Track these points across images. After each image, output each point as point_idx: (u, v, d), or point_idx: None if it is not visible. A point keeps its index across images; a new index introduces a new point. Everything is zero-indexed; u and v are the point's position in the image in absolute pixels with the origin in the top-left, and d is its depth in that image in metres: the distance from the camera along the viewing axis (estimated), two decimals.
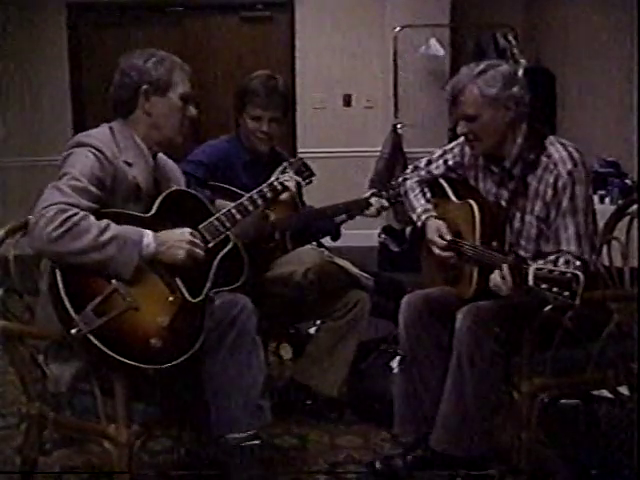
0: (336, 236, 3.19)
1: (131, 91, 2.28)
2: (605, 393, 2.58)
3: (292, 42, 6.64)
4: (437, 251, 2.59)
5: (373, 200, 3.04)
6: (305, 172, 2.77)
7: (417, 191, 2.79)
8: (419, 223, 2.72)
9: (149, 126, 2.30)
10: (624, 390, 2.50)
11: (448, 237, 2.56)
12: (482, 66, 2.44)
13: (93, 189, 2.09)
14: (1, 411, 3.15)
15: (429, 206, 2.73)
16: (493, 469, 2.49)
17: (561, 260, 2.20)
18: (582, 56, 5.65)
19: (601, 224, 2.56)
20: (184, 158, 2.84)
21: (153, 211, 2.23)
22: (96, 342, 1.95)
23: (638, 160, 4.38)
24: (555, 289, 1.96)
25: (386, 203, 3.03)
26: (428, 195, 2.78)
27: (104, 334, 1.97)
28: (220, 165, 2.90)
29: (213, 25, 6.72)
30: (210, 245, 2.26)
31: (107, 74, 2.42)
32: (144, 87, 2.27)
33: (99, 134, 2.23)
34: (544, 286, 1.98)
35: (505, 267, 2.18)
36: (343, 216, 3.12)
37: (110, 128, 2.28)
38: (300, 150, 6.41)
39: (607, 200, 4.38)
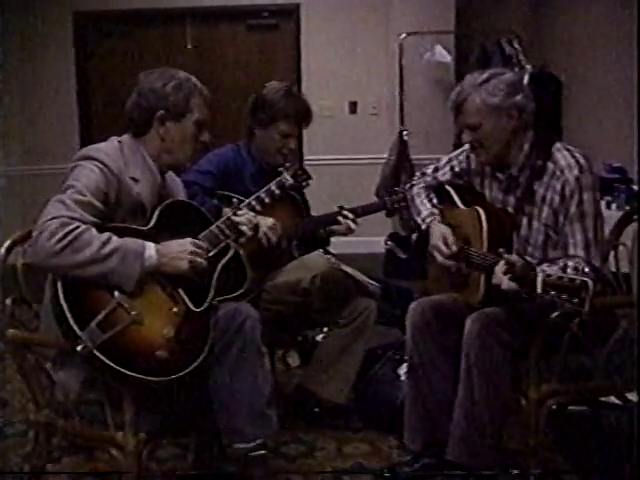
0: (325, 243, 3.16)
1: (147, 114, 2.28)
2: (613, 399, 2.57)
3: (298, 50, 6.65)
4: (440, 259, 2.58)
5: (340, 218, 3.01)
6: (302, 176, 2.77)
7: (423, 196, 2.80)
8: (424, 226, 2.71)
9: (161, 149, 2.30)
10: (632, 396, 2.49)
11: (454, 247, 2.56)
12: (485, 75, 2.45)
13: (97, 203, 2.09)
14: (10, 419, 3.15)
15: (435, 210, 2.73)
16: (501, 475, 2.48)
17: (570, 265, 2.19)
18: (588, 61, 5.65)
19: (608, 230, 2.55)
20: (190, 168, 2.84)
21: (152, 223, 2.22)
22: (102, 357, 1.95)
23: (638, 167, 4.38)
24: (564, 296, 1.96)
25: (353, 226, 3.01)
26: (434, 200, 2.78)
27: (109, 348, 1.96)
28: (227, 174, 2.90)
29: (219, 33, 6.74)
30: (211, 254, 2.25)
31: (114, 83, 2.43)
32: (160, 112, 2.27)
33: (107, 148, 2.23)
34: (553, 293, 1.97)
35: (500, 266, 2.18)
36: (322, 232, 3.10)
37: (119, 142, 2.28)
38: (307, 157, 6.42)
39: (614, 206, 4.37)
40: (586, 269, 2.10)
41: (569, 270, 2.08)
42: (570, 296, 1.95)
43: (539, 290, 1.99)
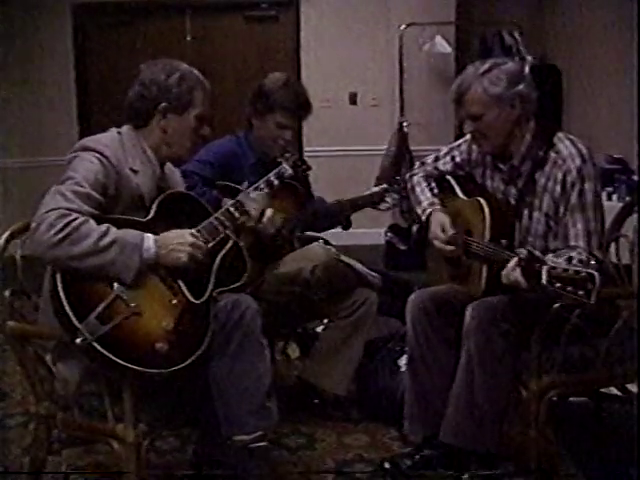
0: (347, 225, 3.19)
1: (149, 105, 2.26)
2: (614, 390, 2.57)
3: (297, 41, 6.64)
4: (438, 245, 2.58)
5: (388, 195, 3.06)
6: (300, 166, 2.76)
7: (423, 185, 2.79)
8: (424, 217, 2.70)
9: (161, 141, 2.29)
10: (633, 387, 2.49)
11: (450, 231, 2.56)
12: (487, 65, 2.43)
13: (95, 195, 2.08)
14: (10, 411, 3.15)
15: (435, 200, 2.72)
16: (501, 467, 2.48)
17: (575, 257, 2.18)
18: (588, 52, 5.64)
19: (609, 221, 2.55)
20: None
21: (151, 215, 2.20)
22: (101, 349, 1.94)
23: (638, 160, 4.37)
24: (570, 288, 1.94)
25: (396, 196, 3.05)
26: (435, 190, 2.77)
27: (109, 340, 1.95)
28: (227, 165, 2.89)
29: (219, 25, 6.72)
30: (210, 245, 2.23)
31: (113, 75, 2.42)
32: (163, 105, 2.26)
33: (106, 139, 2.22)
34: (558, 285, 1.96)
35: (514, 261, 2.16)
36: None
37: (119, 133, 2.27)
38: (306, 149, 6.41)
39: (614, 197, 4.37)
40: (592, 261, 2.09)
41: (574, 262, 2.07)
42: (575, 288, 1.93)
43: (544, 281, 1.98)
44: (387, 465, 2.57)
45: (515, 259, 2.16)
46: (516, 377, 2.39)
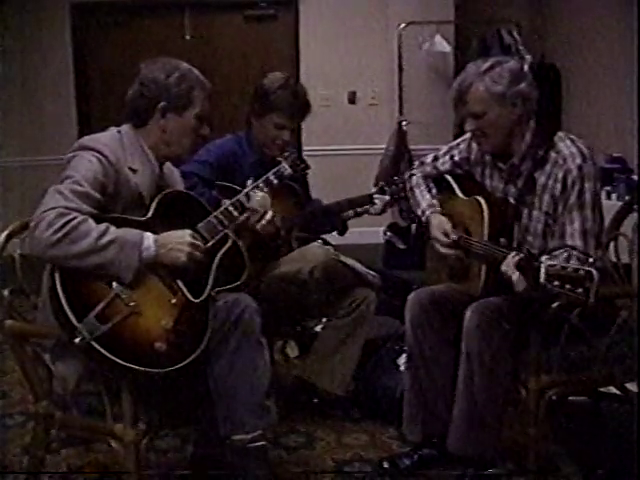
0: (343, 231, 3.19)
1: (148, 105, 2.26)
2: (613, 390, 2.57)
3: (296, 40, 6.63)
4: (441, 249, 2.58)
5: (376, 196, 3.04)
6: (300, 165, 2.76)
7: (422, 187, 2.78)
8: (423, 218, 2.70)
9: (160, 140, 2.28)
10: (632, 387, 2.49)
11: (453, 236, 2.55)
12: (489, 63, 2.42)
13: (95, 194, 2.07)
14: (8, 410, 3.15)
15: (434, 201, 2.72)
16: (500, 467, 2.47)
17: (573, 255, 2.18)
18: (587, 51, 5.63)
19: (608, 220, 2.54)
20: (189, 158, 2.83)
21: (150, 214, 2.20)
22: (100, 349, 1.94)
23: (638, 159, 4.37)
24: (568, 286, 1.94)
25: (388, 198, 3.03)
26: (434, 191, 2.77)
27: (107, 340, 1.95)
28: (226, 165, 2.88)
29: (217, 24, 6.71)
30: (209, 244, 2.23)
31: (112, 73, 2.41)
32: (162, 104, 2.25)
33: (105, 139, 2.22)
34: (556, 283, 1.96)
35: (511, 257, 2.16)
36: (350, 212, 3.12)
37: (118, 132, 2.27)
38: (305, 148, 6.40)
39: (614, 196, 4.36)
40: (590, 260, 2.08)
41: (572, 260, 2.06)
42: (574, 286, 1.93)
43: (542, 280, 1.98)
44: (386, 464, 2.57)
45: (514, 253, 2.16)
46: (515, 377, 2.40)
